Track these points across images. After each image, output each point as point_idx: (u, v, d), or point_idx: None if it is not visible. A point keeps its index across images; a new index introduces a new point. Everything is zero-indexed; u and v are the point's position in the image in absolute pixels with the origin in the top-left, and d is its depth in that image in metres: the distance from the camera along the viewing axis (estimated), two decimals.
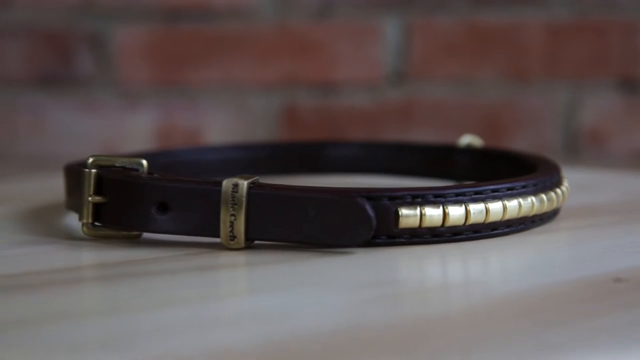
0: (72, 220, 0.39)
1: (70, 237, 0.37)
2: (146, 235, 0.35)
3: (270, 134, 0.76)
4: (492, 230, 0.36)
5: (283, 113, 0.76)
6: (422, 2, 0.74)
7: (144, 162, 0.35)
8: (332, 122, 0.75)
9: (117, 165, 0.35)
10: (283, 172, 0.52)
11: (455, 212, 0.34)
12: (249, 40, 0.76)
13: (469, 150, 0.50)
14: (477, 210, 0.35)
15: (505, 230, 0.36)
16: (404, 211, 0.34)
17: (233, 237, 0.33)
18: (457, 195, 0.35)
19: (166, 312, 0.27)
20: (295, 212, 0.33)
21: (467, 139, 0.51)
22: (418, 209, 0.34)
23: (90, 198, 0.35)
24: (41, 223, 0.41)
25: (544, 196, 0.37)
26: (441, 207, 0.34)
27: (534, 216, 0.37)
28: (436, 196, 0.34)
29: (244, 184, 0.33)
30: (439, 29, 0.74)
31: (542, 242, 0.37)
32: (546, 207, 0.38)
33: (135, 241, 0.35)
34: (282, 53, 0.76)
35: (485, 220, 0.35)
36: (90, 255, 0.35)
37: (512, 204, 0.36)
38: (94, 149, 0.77)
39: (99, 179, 0.35)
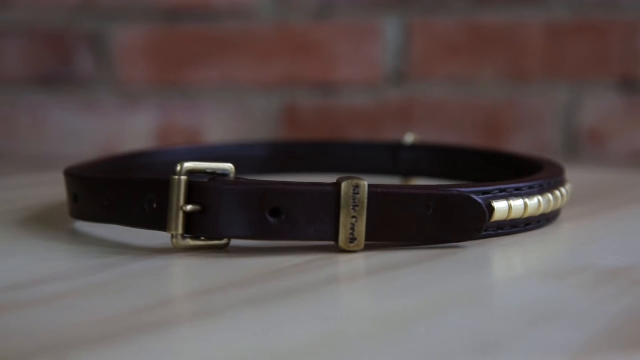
0: (107, 229, 0.37)
1: (160, 250, 0.34)
2: (234, 243, 0.34)
3: (270, 134, 0.76)
4: (512, 227, 0.37)
5: (283, 113, 0.76)
6: (422, 2, 0.74)
7: (232, 166, 0.33)
8: (332, 122, 0.75)
9: (208, 171, 0.33)
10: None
11: (532, 204, 0.37)
12: (249, 40, 0.76)
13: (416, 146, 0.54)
14: (533, 204, 0.37)
15: (518, 229, 0.38)
16: (496, 205, 0.35)
17: (353, 240, 0.33)
18: (516, 190, 0.37)
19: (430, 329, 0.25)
20: (413, 211, 0.33)
21: (411, 138, 0.54)
22: (506, 202, 0.36)
23: (183, 207, 0.32)
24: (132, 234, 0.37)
25: (550, 196, 0.38)
26: (521, 200, 0.36)
27: (541, 215, 0.38)
28: (517, 189, 0.36)
29: (365, 185, 0.33)
30: (439, 29, 0.74)
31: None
32: (559, 205, 0.39)
33: (242, 252, 0.34)
34: (282, 53, 0.76)
35: (523, 215, 0.37)
36: (224, 271, 0.32)
37: (534, 201, 0.37)
38: (94, 149, 0.77)
39: (190, 186, 0.33)
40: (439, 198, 0.33)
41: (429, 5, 0.74)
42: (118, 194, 0.35)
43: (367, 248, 0.33)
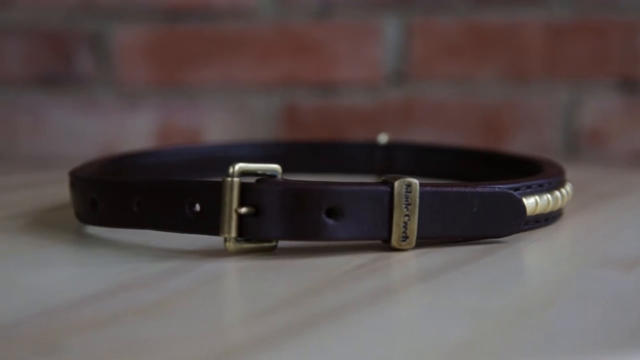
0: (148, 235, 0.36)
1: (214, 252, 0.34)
2: (281, 244, 0.34)
3: (270, 133, 0.76)
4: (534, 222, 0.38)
5: (283, 113, 0.76)
6: (422, 2, 0.74)
7: (279, 167, 0.33)
8: (332, 122, 0.75)
9: (258, 172, 0.33)
10: None
11: (550, 200, 0.38)
12: (249, 40, 0.76)
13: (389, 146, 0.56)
14: (554, 199, 0.39)
15: (528, 226, 0.39)
16: (526, 201, 0.36)
17: (405, 238, 0.33)
18: (539, 186, 0.38)
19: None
20: (460, 208, 0.34)
21: (385, 138, 0.56)
22: (533, 198, 0.37)
23: (237, 210, 0.32)
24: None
25: (558, 193, 0.39)
26: (546, 196, 0.38)
27: (549, 213, 0.39)
28: (540, 186, 0.38)
29: (416, 183, 0.33)
30: (439, 29, 0.74)
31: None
32: (565, 203, 0.40)
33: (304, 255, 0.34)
34: (282, 53, 0.76)
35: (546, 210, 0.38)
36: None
37: (546, 198, 0.38)
38: (94, 149, 0.77)
39: (243, 188, 0.32)
40: (484, 195, 0.34)
41: (429, 5, 0.74)
42: (152, 198, 0.34)
43: (416, 246, 0.34)
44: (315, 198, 0.32)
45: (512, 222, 0.36)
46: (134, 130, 0.77)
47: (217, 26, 0.76)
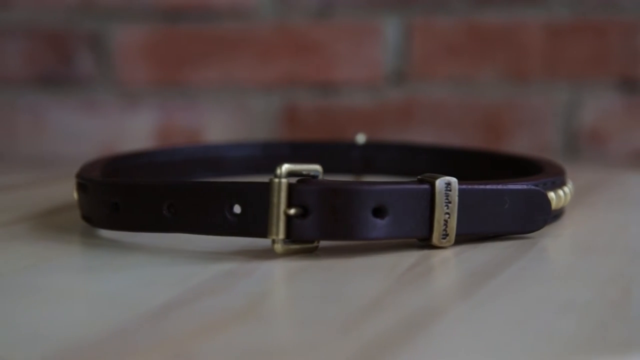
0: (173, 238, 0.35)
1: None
2: (323, 244, 0.34)
3: (270, 134, 0.76)
4: None
5: (283, 113, 0.76)
6: (422, 2, 0.74)
7: (320, 167, 0.33)
8: (332, 122, 0.75)
9: (304, 173, 0.32)
10: None
11: (564, 196, 0.39)
12: (249, 40, 0.76)
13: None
14: (565, 196, 0.40)
15: None
16: (551, 195, 0.38)
17: (445, 236, 0.34)
18: (553, 183, 0.39)
19: None
20: (493, 205, 0.35)
21: (363, 138, 0.57)
22: (553, 193, 0.38)
23: (286, 211, 0.32)
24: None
25: (561, 192, 0.40)
26: (561, 191, 0.39)
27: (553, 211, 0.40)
28: (554, 183, 0.39)
29: (455, 182, 0.34)
30: (439, 29, 0.74)
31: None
32: (568, 201, 0.41)
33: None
34: (282, 53, 0.76)
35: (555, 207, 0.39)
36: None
37: (565, 192, 0.40)
38: (94, 149, 0.77)
39: (290, 189, 0.32)
40: (515, 192, 0.35)
41: (429, 5, 0.74)
42: (186, 201, 0.33)
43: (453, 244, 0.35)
44: (363, 198, 0.32)
45: (539, 218, 0.36)
46: (134, 130, 0.77)
47: (217, 26, 0.76)
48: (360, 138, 0.57)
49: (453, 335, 0.25)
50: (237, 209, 0.33)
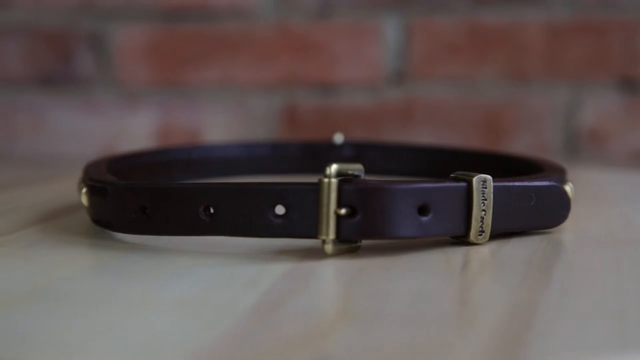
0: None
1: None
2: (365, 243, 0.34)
3: (270, 133, 0.76)
4: None
5: (283, 113, 0.76)
6: (422, 2, 0.74)
7: (362, 167, 0.33)
8: (332, 122, 0.75)
9: (349, 172, 0.33)
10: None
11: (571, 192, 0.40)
12: (249, 40, 0.76)
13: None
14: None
15: None
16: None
17: (481, 232, 0.35)
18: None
19: None
20: (522, 202, 0.36)
21: (341, 138, 0.58)
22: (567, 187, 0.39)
23: (337, 211, 0.32)
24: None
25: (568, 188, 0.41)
26: (568, 186, 0.39)
27: None
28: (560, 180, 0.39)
29: (490, 179, 0.34)
30: (439, 29, 0.74)
31: None
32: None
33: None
34: (282, 53, 0.76)
35: None
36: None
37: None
38: (94, 149, 0.77)
39: (340, 189, 0.32)
40: (540, 188, 0.36)
41: (429, 5, 0.74)
42: (226, 203, 0.33)
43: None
44: (410, 196, 0.32)
45: (560, 213, 0.38)
46: (133, 130, 0.78)
47: (217, 26, 0.76)
48: (338, 138, 0.58)
49: (565, 326, 0.26)
50: (279, 210, 0.32)
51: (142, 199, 0.34)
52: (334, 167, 0.32)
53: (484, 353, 0.23)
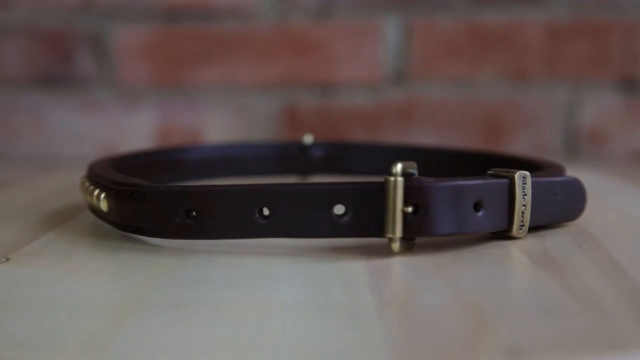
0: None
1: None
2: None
3: (270, 134, 0.76)
4: None
5: (283, 113, 0.76)
6: (422, 2, 0.74)
7: (416, 165, 0.33)
8: (332, 122, 0.75)
9: (410, 171, 0.33)
10: None
11: None
12: (249, 40, 0.76)
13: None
14: None
15: None
16: None
17: (522, 227, 0.36)
18: None
19: None
20: (551, 197, 0.37)
21: (310, 139, 0.59)
22: None
23: (404, 209, 0.32)
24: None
25: None
26: None
27: None
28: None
29: (529, 175, 0.35)
30: (439, 29, 0.74)
31: None
32: None
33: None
34: (282, 53, 0.76)
35: None
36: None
37: None
38: (94, 149, 0.77)
39: (406, 187, 0.32)
40: (564, 183, 0.38)
41: (429, 5, 0.74)
42: (286, 205, 0.33)
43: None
44: (470, 192, 0.33)
45: (579, 207, 0.39)
46: (134, 130, 0.77)
47: (217, 26, 0.76)
48: (308, 139, 0.59)
49: None
50: (339, 209, 0.33)
51: (188, 203, 0.34)
52: (399, 166, 0.32)
53: None
